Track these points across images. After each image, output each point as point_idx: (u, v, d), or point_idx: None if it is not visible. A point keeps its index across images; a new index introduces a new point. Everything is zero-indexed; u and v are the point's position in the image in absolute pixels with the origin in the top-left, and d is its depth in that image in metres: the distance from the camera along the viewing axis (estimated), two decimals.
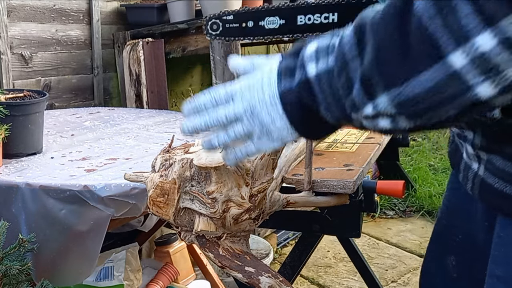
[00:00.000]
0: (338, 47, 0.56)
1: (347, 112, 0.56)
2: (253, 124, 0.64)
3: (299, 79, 0.59)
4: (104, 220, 1.27)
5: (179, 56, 2.80)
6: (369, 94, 0.53)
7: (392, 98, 0.51)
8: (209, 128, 0.68)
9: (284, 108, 0.61)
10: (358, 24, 0.54)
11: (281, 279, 0.83)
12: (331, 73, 0.56)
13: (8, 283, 1.25)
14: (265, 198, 0.84)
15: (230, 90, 0.66)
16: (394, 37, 0.50)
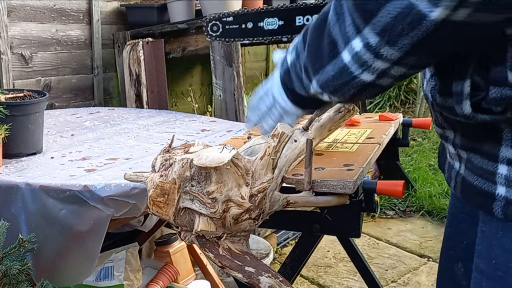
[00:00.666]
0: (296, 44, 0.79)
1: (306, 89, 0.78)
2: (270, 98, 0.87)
3: (285, 66, 0.82)
4: (104, 220, 1.27)
5: (179, 56, 2.80)
6: (309, 78, 0.75)
7: (316, 82, 0.73)
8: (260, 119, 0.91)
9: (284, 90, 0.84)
10: (306, 26, 0.75)
11: (281, 279, 0.83)
12: (295, 62, 0.79)
13: (8, 283, 1.25)
14: (265, 198, 0.84)
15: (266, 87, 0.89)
16: (315, 39, 0.71)
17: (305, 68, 0.74)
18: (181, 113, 2.48)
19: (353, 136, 1.31)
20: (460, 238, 0.90)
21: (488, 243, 0.73)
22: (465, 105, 0.66)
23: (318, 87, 0.73)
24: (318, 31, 0.70)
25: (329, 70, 0.68)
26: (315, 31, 0.71)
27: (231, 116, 2.49)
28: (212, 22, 2.31)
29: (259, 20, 2.36)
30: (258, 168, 0.84)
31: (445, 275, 0.96)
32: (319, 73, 0.70)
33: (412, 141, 4.33)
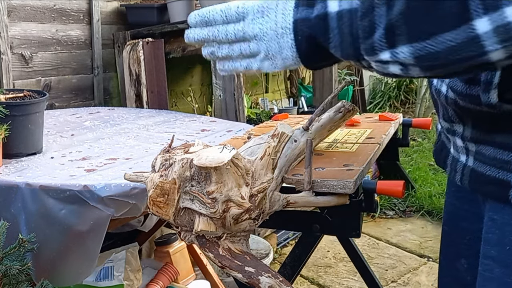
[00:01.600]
0: None
1: (360, 52, 0.59)
2: (260, 47, 0.66)
3: (318, 11, 0.60)
4: (104, 220, 1.27)
5: (179, 56, 2.80)
6: (391, 42, 0.56)
7: (413, 51, 0.54)
8: (214, 40, 0.70)
9: (295, 38, 0.63)
10: None
11: (281, 279, 0.83)
12: (354, 14, 0.58)
13: (8, 283, 1.25)
14: (265, 198, 0.84)
15: (242, 9, 0.67)
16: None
17: (389, 28, 0.55)
18: (181, 113, 2.48)
19: (353, 136, 1.31)
20: (461, 235, 0.91)
21: (500, 231, 0.74)
22: (493, 95, 0.66)
23: (409, 57, 0.55)
24: None
25: (446, 40, 0.52)
26: None
27: (231, 116, 2.49)
28: None
29: None
30: (258, 168, 0.84)
31: (447, 273, 0.97)
32: (424, 40, 0.53)
33: (412, 141, 4.34)
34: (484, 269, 0.76)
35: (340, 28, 0.59)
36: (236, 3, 0.67)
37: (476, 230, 0.86)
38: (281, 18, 0.64)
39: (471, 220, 0.88)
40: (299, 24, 0.62)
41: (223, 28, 0.68)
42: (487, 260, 0.76)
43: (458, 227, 0.92)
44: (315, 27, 0.61)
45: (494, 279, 0.75)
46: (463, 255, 0.91)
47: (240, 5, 0.67)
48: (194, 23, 0.72)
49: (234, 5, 0.67)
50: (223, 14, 0.68)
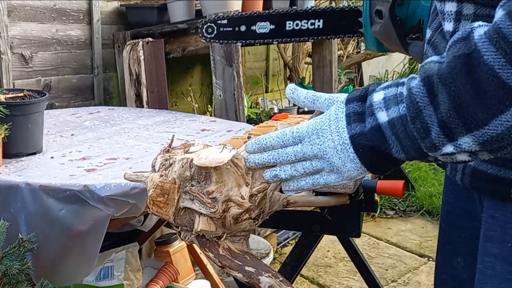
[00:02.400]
0: (408, 97, 0.61)
1: (423, 151, 0.62)
2: (322, 164, 0.69)
3: (371, 124, 0.64)
4: (104, 220, 1.27)
5: (179, 56, 2.80)
6: (449, 136, 0.59)
7: (476, 139, 0.57)
8: (276, 163, 0.73)
9: (356, 152, 0.66)
10: (425, 76, 0.60)
11: (281, 279, 0.83)
12: (405, 120, 0.62)
13: (8, 283, 1.25)
14: (265, 198, 0.84)
15: (297, 133, 0.70)
16: (466, 87, 0.56)
17: (443, 125, 0.58)
18: (181, 113, 2.48)
19: None
20: (458, 233, 0.92)
21: (502, 228, 0.75)
22: None
23: (474, 145, 0.58)
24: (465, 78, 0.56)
25: (503, 121, 0.55)
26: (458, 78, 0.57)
27: (231, 116, 2.50)
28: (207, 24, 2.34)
29: (252, 23, 2.41)
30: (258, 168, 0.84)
31: (443, 271, 0.97)
32: (483, 127, 0.56)
33: None
34: (485, 266, 0.77)
35: (396, 135, 0.63)
36: (290, 129, 0.71)
37: (472, 228, 0.87)
38: (337, 136, 0.67)
39: (467, 219, 0.89)
40: (357, 139, 0.65)
41: (282, 151, 0.71)
42: (488, 257, 0.77)
43: (454, 225, 0.93)
44: (373, 139, 0.64)
45: (496, 276, 0.76)
46: (459, 253, 0.92)
47: (295, 130, 0.70)
48: (252, 150, 0.74)
49: (289, 130, 0.71)
50: (280, 140, 0.71)
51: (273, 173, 0.74)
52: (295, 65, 4.06)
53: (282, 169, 0.72)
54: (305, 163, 0.70)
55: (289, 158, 0.71)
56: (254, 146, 0.74)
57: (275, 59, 4.19)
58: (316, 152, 0.68)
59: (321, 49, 2.97)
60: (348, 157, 0.67)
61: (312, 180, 0.71)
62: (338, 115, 0.68)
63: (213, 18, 2.33)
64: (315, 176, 0.71)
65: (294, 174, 0.72)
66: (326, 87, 2.99)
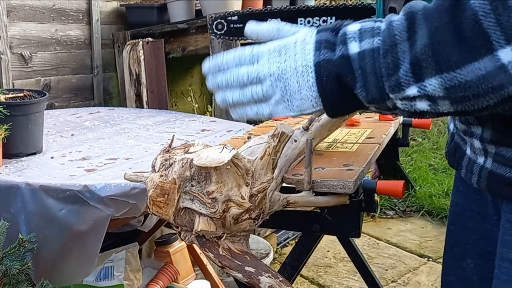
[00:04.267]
0: (386, 30, 0.58)
1: (386, 91, 0.59)
2: (275, 88, 0.64)
3: (341, 52, 0.60)
4: (104, 220, 1.27)
5: (179, 56, 2.80)
6: (417, 76, 0.56)
7: (444, 82, 0.55)
8: (227, 85, 0.68)
9: (317, 78, 0.62)
10: (409, 11, 0.58)
11: (281, 279, 0.83)
12: (376, 53, 0.58)
13: (8, 283, 1.25)
14: (265, 198, 0.84)
15: (256, 51, 0.66)
16: (448, 26, 0.54)
17: (415, 62, 0.56)
18: (181, 113, 2.48)
19: (353, 136, 1.31)
20: (468, 235, 0.90)
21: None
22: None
23: (439, 88, 0.56)
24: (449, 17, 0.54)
25: (475, 69, 0.53)
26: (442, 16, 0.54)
27: (231, 116, 2.49)
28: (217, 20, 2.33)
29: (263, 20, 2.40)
30: (258, 168, 0.84)
31: (451, 273, 0.96)
32: (455, 70, 0.54)
33: (412, 141, 4.33)
34: (502, 272, 0.76)
35: (363, 68, 0.59)
36: (250, 46, 0.66)
37: (482, 230, 0.86)
38: (301, 58, 0.63)
39: (477, 220, 0.87)
40: (323, 65, 0.61)
41: (236, 70, 0.67)
42: (504, 262, 0.75)
43: (464, 226, 0.91)
44: (340, 67, 0.61)
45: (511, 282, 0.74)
46: (469, 255, 0.91)
47: (255, 48, 0.66)
48: (209, 69, 0.70)
49: (249, 47, 0.66)
50: (236, 58, 0.67)
51: (222, 95, 0.69)
52: None
53: (231, 92, 0.68)
54: (255, 87, 0.66)
55: (241, 78, 0.66)
56: (209, 64, 0.69)
57: None
58: (273, 70, 0.64)
59: None
60: (307, 83, 0.63)
61: (257, 109, 0.68)
62: (306, 38, 0.64)
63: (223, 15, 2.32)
64: (262, 104, 0.67)
65: (241, 100, 0.68)
66: None
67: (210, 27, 2.39)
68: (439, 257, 2.76)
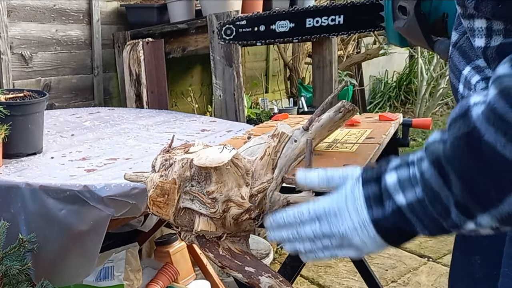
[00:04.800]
0: (422, 180, 0.62)
1: (447, 229, 0.63)
2: (344, 242, 0.70)
3: (391, 208, 0.65)
4: (104, 220, 1.27)
5: (179, 56, 2.80)
6: (468, 215, 0.59)
7: (493, 217, 0.58)
8: (296, 239, 0.73)
9: (379, 233, 0.67)
10: (432, 158, 0.61)
11: (281, 279, 0.83)
12: (423, 203, 0.63)
13: (8, 283, 1.25)
14: (265, 198, 0.84)
15: (314, 211, 0.71)
16: (474, 167, 0.57)
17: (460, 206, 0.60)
18: (181, 113, 2.49)
19: (353, 136, 1.31)
20: None
21: None
22: None
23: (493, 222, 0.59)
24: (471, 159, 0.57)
25: None
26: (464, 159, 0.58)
27: (231, 116, 2.49)
28: (226, 26, 2.34)
29: (271, 23, 2.40)
30: (258, 168, 0.84)
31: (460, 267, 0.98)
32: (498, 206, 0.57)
33: (412, 141, 4.33)
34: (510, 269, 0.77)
35: (418, 216, 0.64)
36: (306, 207, 0.72)
37: None
38: (356, 217, 0.68)
39: None
40: (380, 223, 0.66)
41: (301, 229, 0.72)
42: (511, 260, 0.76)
43: None
44: (396, 222, 0.65)
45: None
46: (477, 252, 0.92)
47: (311, 209, 0.71)
48: (271, 227, 0.75)
49: (305, 208, 0.72)
50: (297, 218, 0.72)
51: (293, 247, 0.75)
52: (295, 65, 4.06)
53: (302, 245, 0.73)
54: (324, 240, 0.71)
55: (308, 236, 0.72)
56: (272, 223, 0.75)
57: (275, 59, 4.19)
58: (335, 232, 0.69)
59: (321, 49, 2.97)
60: (369, 237, 0.68)
61: (330, 253, 0.73)
62: (355, 194, 0.68)
63: (232, 20, 2.33)
64: (334, 249, 0.72)
65: (313, 249, 0.73)
66: (326, 87, 2.99)
67: (219, 33, 2.39)
68: (439, 257, 2.76)
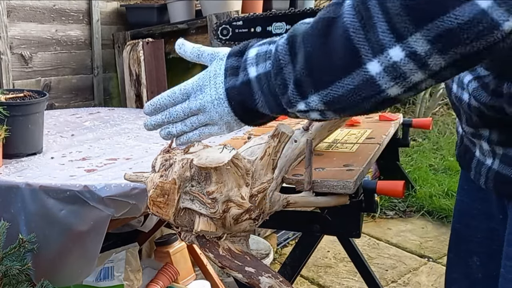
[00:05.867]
0: (274, 54, 0.66)
1: (284, 107, 0.67)
2: (206, 118, 0.75)
3: (242, 79, 0.70)
4: (104, 220, 1.27)
5: (179, 56, 2.79)
6: (301, 94, 0.63)
7: (321, 98, 0.62)
8: (169, 122, 0.79)
9: (230, 104, 0.72)
10: (291, 35, 0.64)
11: (281, 279, 0.83)
12: (269, 75, 0.67)
13: (8, 283, 1.25)
14: (265, 198, 0.84)
15: (184, 89, 0.77)
16: (321, 47, 0.60)
17: (297, 83, 0.63)
18: None
19: (353, 136, 1.31)
20: (474, 233, 0.92)
21: None
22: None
23: (320, 104, 0.62)
24: (322, 39, 0.59)
25: (345, 84, 0.58)
26: (316, 38, 0.60)
27: None
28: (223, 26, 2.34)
29: (267, 24, 2.40)
30: (258, 168, 0.84)
31: (457, 270, 0.97)
32: (328, 87, 0.60)
33: (412, 141, 4.33)
34: (507, 270, 0.77)
35: (262, 90, 0.68)
36: (178, 86, 0.77)
37: (487, 229, 0.87)
38: (214, 91, 0.73)
39: (482, 219, 0.89)
40: (230, 92, 0.72)
41: (173, 109, 0.78)
42: (509, 261, 0.77)
43: (470, 225, 0.93)
44: (242, 93, 0.70)
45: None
46: (475, 253, 0.92)
47: (182, 87, 0.77)
48: (149, 111, 0.80)
49: (178, 88, 0.77)
50: (170, 98, 0.78)
51: (166, 130, 0.81)
52: None
53: (174, 126, 0.79)
54: (192, 118, 0.77)
55: (179, 115, 0.77)
56: (149, 107, 0.80)
57: None
58: (198, 106, 0.75)
59: None
60: (223, 111, 0.73)
61: (199, 132, 0.78)
62: (217, 71, 0.73)
63: (228, 20, 2.33)
64: (201, 128, 0.78)
65: (184, 130, 0.79)
66: None
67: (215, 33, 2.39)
68: (439, 257, 2.76)
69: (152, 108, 0.79)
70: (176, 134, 0.80)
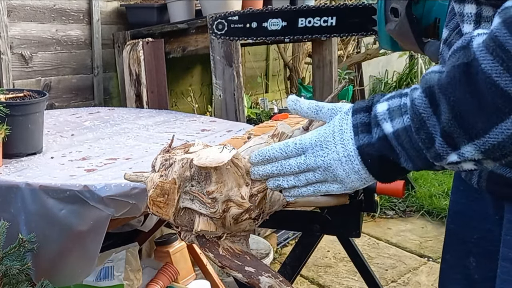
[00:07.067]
0: (411, 108, 0.62)
1: (430, 161, 0.63)
2: (327, 175, 0.70)
3: (378, 135, 0.66)
4: (104, 220, 1.27)
5: (179, 56, 2.80)
6: (452, 146, 0.59)
7: (478, 147, 0.58)
8: (279, 174, 0.74)
9: (364, 162, 0.67)
10: (426, 86, 0.61)
11: (281, 279, 0.83)
12: (409, 131, 0.63)
13: (8, 283, 1.25)
14: (265, 198, 0.84)
15: (300, 144, 0.71)
16: (466, 96, 0.56)
17: (445, 135, 0.59)
18: (181, 113, 2.49)
19: None
20: (469, 233, 0.91)
21: None
22: None
23: (477, 153, 0.59)
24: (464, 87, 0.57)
25: (503, 129, 0.55)
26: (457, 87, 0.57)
27: (231, 116, 2.49)
28: (218, 20, 2.33)
29: (263, 20, 2.39)
30: None
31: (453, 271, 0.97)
32: (484, 136, 0.57)
33: None
34: (502, 271, 0.77)
35: (402, 145, 0.64)
36: (292, 140, 0.72)
37: (483, 230, 0.87)
38: (341, 148, 0.68)
39: (478, 220, 0.88)
40: (365, 149, 0.66)
41: (286, 162, 0.72)
42: (505, 262, 0.76)
43: (466, 225, 0.92)
44: (381, 149, 0.65)
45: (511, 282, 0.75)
46: (471, 254, 0.92)
47: (297, 142, 0.71)
48: (256, 162, 0.76)
49: (292, 142, 0.72)
50: (283, 151, 0.72)
51: (276, 183, 0.75)
52: (295, 65, 4.06)
53: (285, 179, 0.74)
54: (308, 174, 0.71)
55: (292, 169, 0.72)
56: (257, 158, 0.75)
57: (275, 59, 4.19)
58: (319, 164, 0.69)
59: (321, 49, 2.97)
60: (353, 169, 0.68)
61: (313, 188, 0.72)
62: (343, 127, 0.68)
63: (224, 15, 2.31)
64: (317, 184, 0.72)
65: (296, 184, 0.73)
66: (326, 87, 2.99)
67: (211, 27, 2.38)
68: (439, 257, 2.75)
69: (260, 159, 0.75)
70: (287, 187, 0.75)
